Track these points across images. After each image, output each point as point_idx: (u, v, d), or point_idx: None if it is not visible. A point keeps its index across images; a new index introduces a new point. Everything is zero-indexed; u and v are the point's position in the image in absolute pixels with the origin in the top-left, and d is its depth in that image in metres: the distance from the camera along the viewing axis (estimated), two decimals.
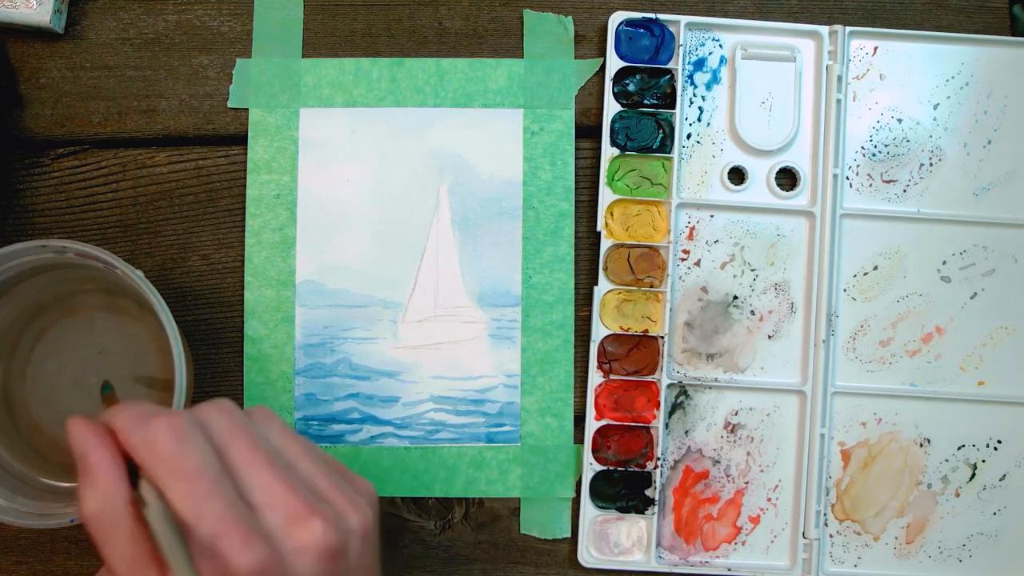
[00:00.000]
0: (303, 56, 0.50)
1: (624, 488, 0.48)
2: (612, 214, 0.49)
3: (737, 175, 0.50)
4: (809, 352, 0.49)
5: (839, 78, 0.49)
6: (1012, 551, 0.49)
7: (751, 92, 0.50)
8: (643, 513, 0.48)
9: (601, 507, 0.48)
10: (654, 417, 0.48)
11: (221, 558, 0.31)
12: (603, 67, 0.49)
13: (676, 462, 0.49)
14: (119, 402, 0.36)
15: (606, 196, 0.49)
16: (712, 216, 0.49)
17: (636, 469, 0.48)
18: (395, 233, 0.49)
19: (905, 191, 0.50)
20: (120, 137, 0.50)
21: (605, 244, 0.49)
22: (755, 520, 0.49)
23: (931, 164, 0.50)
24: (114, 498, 0.32)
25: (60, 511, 0.43)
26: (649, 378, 0.49)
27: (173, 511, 0.31)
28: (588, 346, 0.49)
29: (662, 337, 0.49)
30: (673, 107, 0.49)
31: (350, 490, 0.35)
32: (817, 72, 0.50)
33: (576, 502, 0.49)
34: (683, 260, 0.49)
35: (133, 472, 0.33)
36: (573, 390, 0.49)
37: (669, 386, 0.49)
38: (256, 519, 0.32)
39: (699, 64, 0.50)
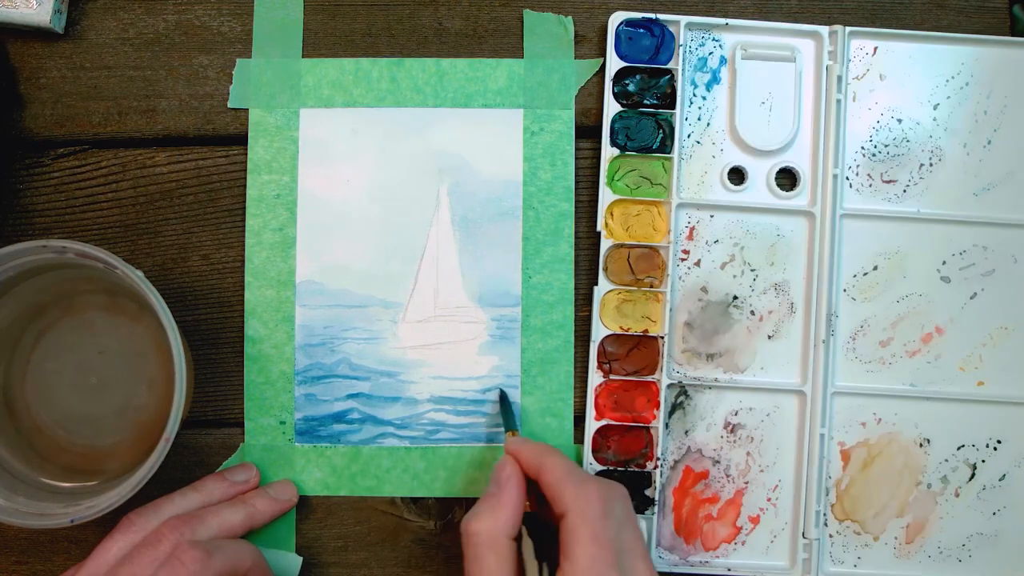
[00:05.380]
0: (303, 56, 0.50)
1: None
2: (612, 214, 0.49)
3: (737, 175, 0.50)
4: (809, 352, 0.49)
5: (839, 78, 0.49)
6: (1012, 551, 0.49)
7: (751, 92, 0.50)
8: (643, 513, 0.48)
9: None
10: (654, 417, 0.49)
11: None
12: (603, 67, 0.49)
13: (676, 462, 0.49)
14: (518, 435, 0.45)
15: (606, 196, 0.49)
16: (712, 216, 0.49)
17: (636, 469, 0.48)
18: (395, 233, 0.49)
19: (905, 191, 0.50)
20: (120, 137, 0.50)
21: (605, 244, 0.49)
22: (755, 520, 0.49)
23: (931, 164, 0.50)
24: (505, 529, 0.39)
25: (60, 511, 0.43)
26: (649, 378, 0.49)
27: (572, 562, 0.37)
28: (588, 346, 0.49)
29: (662, 337, 0.49)
30: (673, 107, 0.49)
31: None
32: (817, 72, 0.50)
33: None
34: (683, 260, 0.49)
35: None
36: (573, 390, 0.49)
37: (669, 386, 0.49)
38: None
39: (699, 64, 0.50)
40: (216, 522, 0.43)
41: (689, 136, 0.50)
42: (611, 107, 0.49)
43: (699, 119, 0.50)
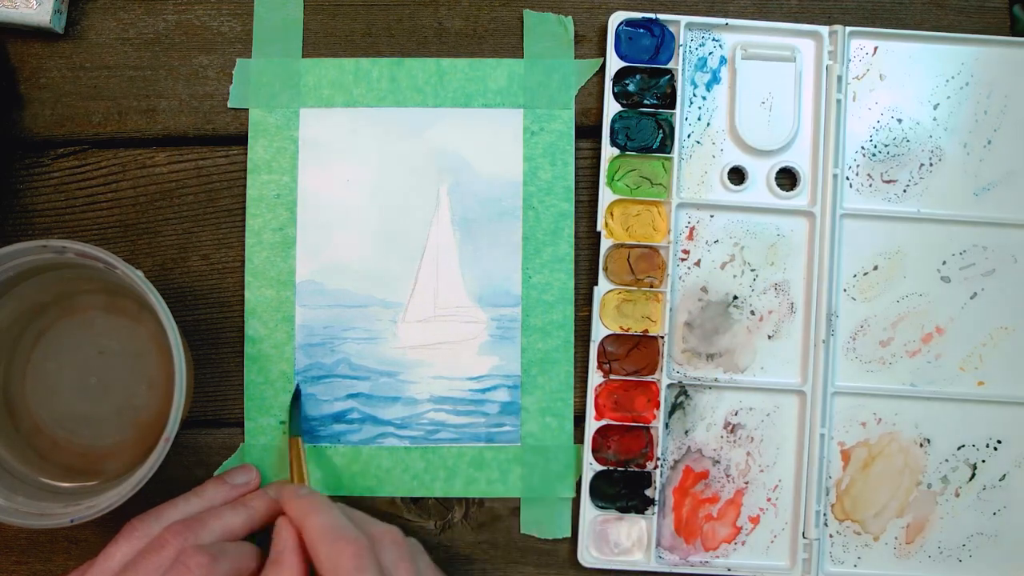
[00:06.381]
0: (303, 56, 0.50)
1: (624, 488, 0.48)
2: (612, 214, 0.49)
3: (737, 175, 0.50)
4: (809, 352, 0.49)
5: (839, 78, 0.49)
6: (1012, 551, 0.49)
7: (751, 92, 0.50)
8: (643, 513, 0.48)
9: (601, 507, 0.48)
10: (654, 417, 0.49)
11: None
12: (603, 67, 0.49)
13: (676, 462, 0.49)
14: (301, 445, 0.46)
15: (606, 196, 0.49)
16: (712, 216, 0.49)
17: (636, 469, 0.48)
18: (395, 233, 0.49)
19: (905, 191, 0.50)
20: (120, 137, 0.50)
21: (605, 244, 0.49)
22: (755, 520, 0.49)
23: (931, 164, 0.50)
24: None
25: (59, 511, 0.43)
26: (649, 378, 0.49)
27: None
28: (588, 346, 0.49)
29: (662, 337, 0.49)
30: (673, 107, 0.49)
31: None
32: (817, 72, 0.50)
33: (576, 502, 0.49)
34: (683, 260, 0.49)
35: None
36: (573, 390, 0.49)
37: (669, 386, 0.49)
38: None
39: (699, 64, 0.50)
40: (218, 525, 0.43)
41: (689, 136, 0.50)
42: (611, 107, 0.49)
43: (699, 119, 0.50)
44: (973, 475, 0.49)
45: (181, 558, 0.39)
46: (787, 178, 0.50)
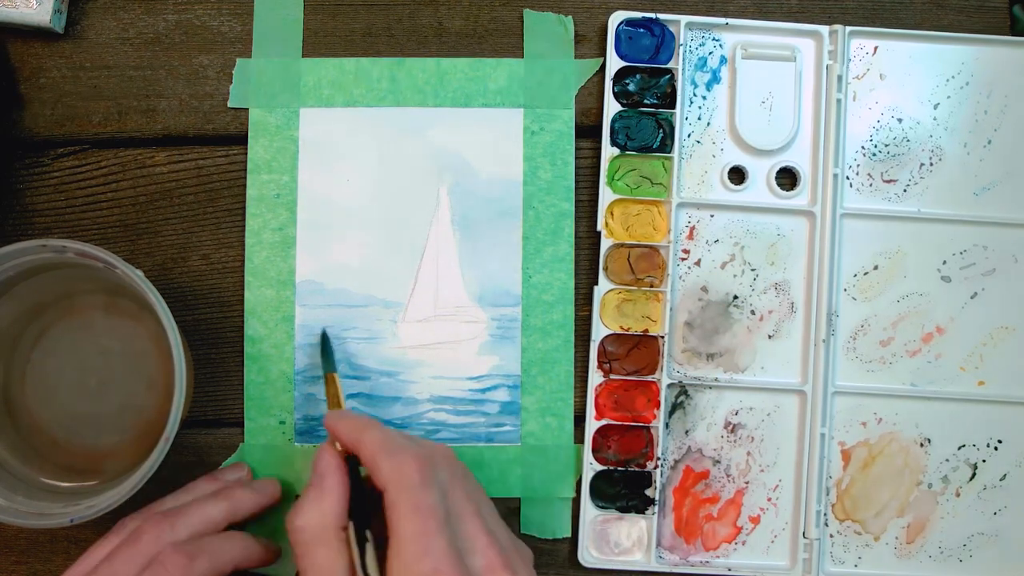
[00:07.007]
0: (303, 56, 0.50)
1: (624, 488, 0.48)
2: (612, 214, 0.49)
3: (737, 175, 0.50)
4: (809, 352, 0.49)
5: (839, 78, 0.49)
6: (1012, 551, 0.49)
7: (751, 92, 0.50)
8: (643, 513, 0.48)
9: (601, 507, 0.48)
10: (654, 417, 0.48)
11: None
12: (603, 67, 0.49)
13: (676, 462, 0.49)
14: (338, 380, 0.45)
15: (606, 196, 0.49)
16: (712, 216, 0.49)
17: (636, 469, 0.48)
18: (395, 233, 0.49)
19: (905, 191, 0.50)
20: (120, 137, 0.50)
21: (605, 244, 0.49)
22: (755, 520, 0.49)
23: (931, 164, 0.50)
24: (332, 520, 0.38)
25: (59, 511, 0.43)
26: (649, 378, 0.49)
27: (397, 538, 0.36)
28: (588, 346, 0.49)
29: (662, 337, 0.49)
30: (673, 107, 0.49)
31: (519, 547, 0.41)
32: (817, 72, 0.50)
33: (576, 502, 0.49)
34: (683, 260, 0.49)
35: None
36: (573, 390, 0.49)
37: (669, 386, 0.49)
38: (464, 563, 0.36)
39: (699, 64, 0.50)
40: (197, 516, 0.42)
41: (689, 136, 0.50)
42: (611, 107, 0.49)
43: (699, 119, 0.50)
44: (974, 475, 0.49)
45: (159, 558, 0.39)
46: (787, 178, 0.50)
